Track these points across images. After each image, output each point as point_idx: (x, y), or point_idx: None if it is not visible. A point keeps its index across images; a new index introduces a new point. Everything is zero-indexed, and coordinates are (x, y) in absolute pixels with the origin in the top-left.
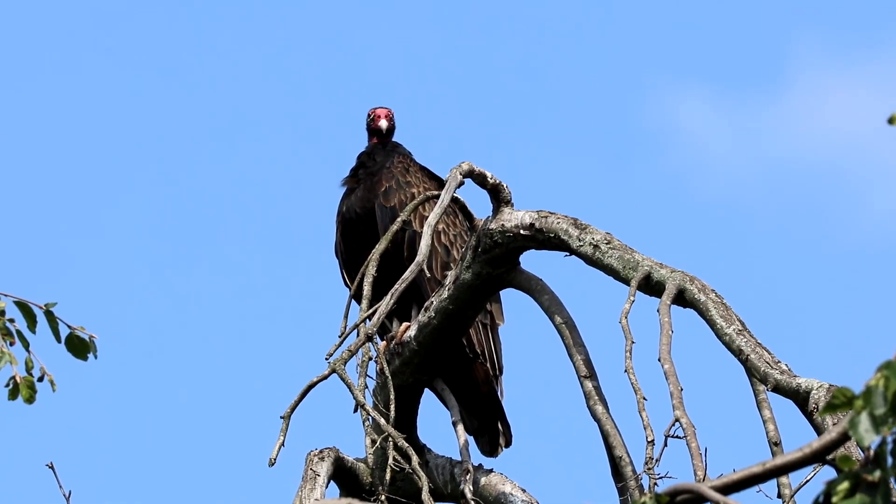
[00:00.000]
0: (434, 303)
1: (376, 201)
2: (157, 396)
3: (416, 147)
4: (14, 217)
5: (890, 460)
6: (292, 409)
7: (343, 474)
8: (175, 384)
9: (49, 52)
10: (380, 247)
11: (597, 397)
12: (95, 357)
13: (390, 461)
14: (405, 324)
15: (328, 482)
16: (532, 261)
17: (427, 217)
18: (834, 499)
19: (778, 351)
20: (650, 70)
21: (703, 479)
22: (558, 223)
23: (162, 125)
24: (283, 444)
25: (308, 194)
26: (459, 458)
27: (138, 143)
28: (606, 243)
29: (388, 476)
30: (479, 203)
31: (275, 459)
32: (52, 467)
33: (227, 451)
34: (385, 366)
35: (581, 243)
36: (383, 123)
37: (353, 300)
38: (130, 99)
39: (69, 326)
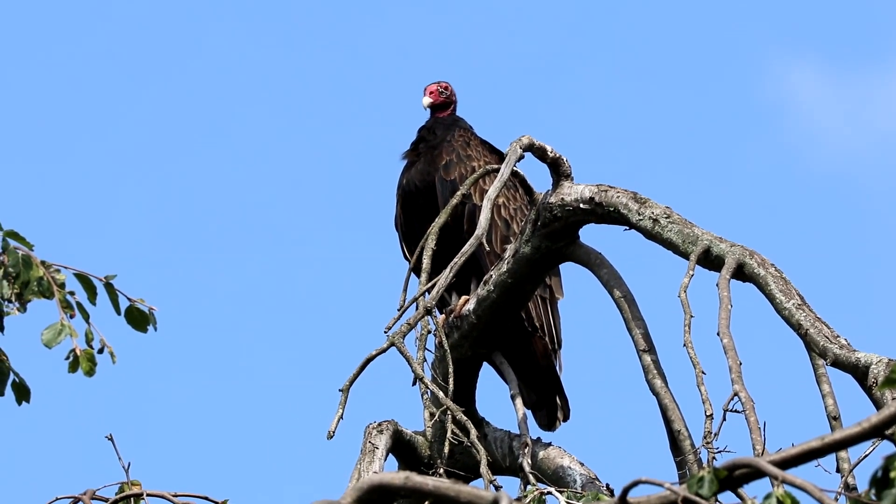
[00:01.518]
0: (493, 276)
1: (436, 174)
2: (217, 369)
3: (506, 120)
4: (69, 193)
5: None
6: (351, 382)
7: (401, 447)
8: (235, 357)
9: (50, 50)
10: (439, 220)
11: (655, 371)
12: (155, 329)
13: (449, 434)
14: (464, 297)
15: (387, 455)
16: (591, 235)
17: (487, 190)
18: (892, 473)
19: (868, 327)
20: (764, 40)
21: (762, 454)
22: (618, 197)
23: (225, 92)
24: (341, 417)
25: (369, 167)
26: (518, 432)
27: (190, 113)
28: (666, 217)
29: (446, 449)
30: (541, 177)
31: (333, 432)
32: (111, 439)
33: (287, 424)
34: (444, 339)
35: (640, 217)
36: (425, 100)
37: (412, 273)
38: (179, 72)
39: (129, 299)
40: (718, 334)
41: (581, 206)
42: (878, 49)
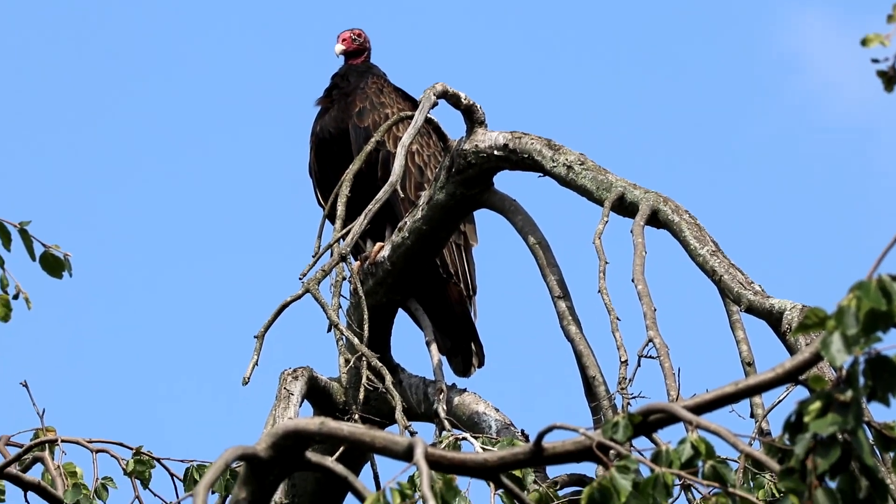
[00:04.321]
0: (408, 223)
1: (350, 122)
2: (131, 316)
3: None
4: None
5: (862, 380)
6: (266, 329)
7: (316, 393)
8: (149, 303)
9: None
10: (353, 167)
11: (570, 318)
12: (70, 275)
13: (364, 381)
14: (379, 244)
15: (302, 401)
16: (506, 182)
17: (401, 137)
18: (806, 418)
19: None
20: None
21: (677, 399)
22: (532, 144)
23: (143, 52)
24: (256, 364)
25: (282, 113)
26: (433, 378)
27: (121, 63)
28: (580, 164)
29: (361, 395)
30: (456, 124)
31: (248, 378)
32: (26, 385)
33: (202, 371)
34: (359, 286)
35: (554, 164)
36: (338, 47)
37: (326, 220)
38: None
39: (44, 245)
40: (633, 280)
41: (495, 152)
42: None
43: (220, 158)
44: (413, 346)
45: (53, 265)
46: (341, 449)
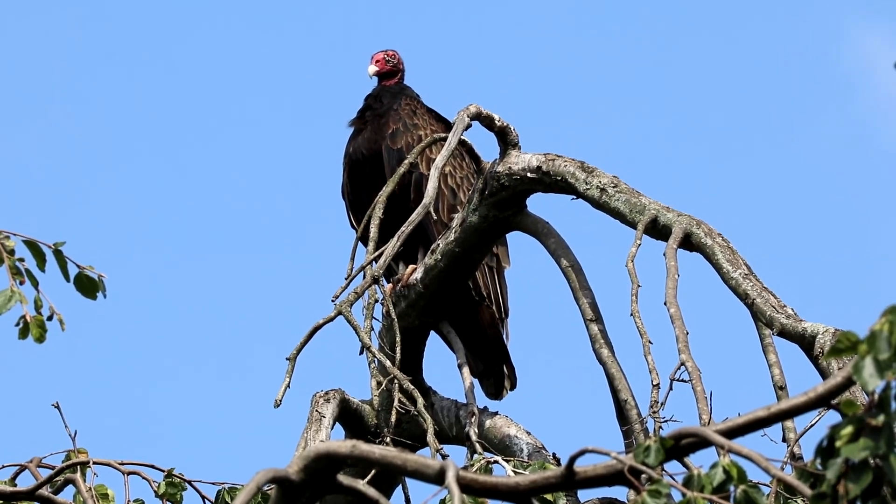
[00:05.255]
0: (440, 245)
1: (383, 143)
2: (165, 337)
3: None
4: (18, 158)
5: (894, 405)
6: (298, 351)
7: (348, 416)
8: (182, 325)
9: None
10: (387, 189)
11: (602, 341)
12: (104, 296)
13: (396, 403)
14: (411, 266)
15: (333, 424)
16: (539, 204)
17: (434, 159)
18: (838, 443)
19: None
20: (840, 8)
21: (709, 423)
22: (565, 166)
23: (179, 60)
24: (288, 386)
25: (315, 135)
26: (465, 401)
27: (157, 88)
28: (613, 186)
29: (393, 418)
30: (489, 146)
31: (280, 401)
32: (57, 407)
33: (234, 393)
34: (391, 308)
35: (588, 186)
36: (371, 69)
37: (359, 242)
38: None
39: (78, 266)
40: (665, 304)
41: (528, 175)
42: None
43: (254, 180)
44: (445, 369)
45: (88, 286)
46: (373, 472)
